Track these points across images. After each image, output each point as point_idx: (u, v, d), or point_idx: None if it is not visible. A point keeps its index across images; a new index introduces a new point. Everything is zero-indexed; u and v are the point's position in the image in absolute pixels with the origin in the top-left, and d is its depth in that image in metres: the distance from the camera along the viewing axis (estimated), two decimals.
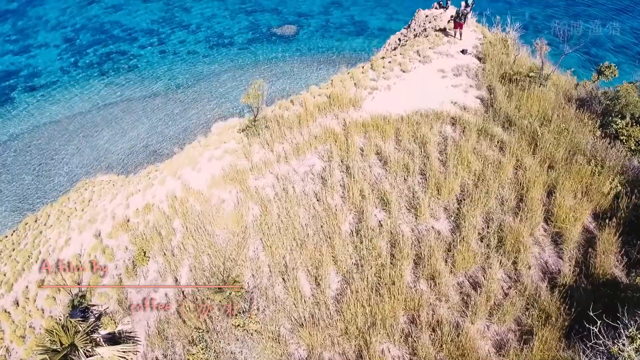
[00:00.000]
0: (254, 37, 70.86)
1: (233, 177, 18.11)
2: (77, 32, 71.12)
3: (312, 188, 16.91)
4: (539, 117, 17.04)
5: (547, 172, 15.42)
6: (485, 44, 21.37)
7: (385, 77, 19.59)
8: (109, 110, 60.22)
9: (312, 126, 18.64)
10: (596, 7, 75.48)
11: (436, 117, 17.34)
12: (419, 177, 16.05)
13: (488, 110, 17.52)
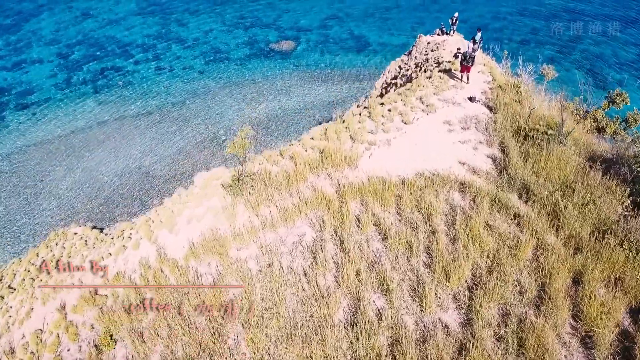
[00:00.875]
0: (251, 52, 68.69)
1: (213, 247, 15.83)
2: (71, 47, 68.95)
3: (301, 264, 14.63)
4: (560, 184, 14.79)
5: (573, 256, 13.13)
6: (495, 89, 19.10)
7: (384, 129, 17.33)
8: (101, 129, 57.96)
9: (303, 187, 16.39)
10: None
11: (442, 182, 15.09)
12: (424, 256, 13.77)
13: (501, 173, 15.26)
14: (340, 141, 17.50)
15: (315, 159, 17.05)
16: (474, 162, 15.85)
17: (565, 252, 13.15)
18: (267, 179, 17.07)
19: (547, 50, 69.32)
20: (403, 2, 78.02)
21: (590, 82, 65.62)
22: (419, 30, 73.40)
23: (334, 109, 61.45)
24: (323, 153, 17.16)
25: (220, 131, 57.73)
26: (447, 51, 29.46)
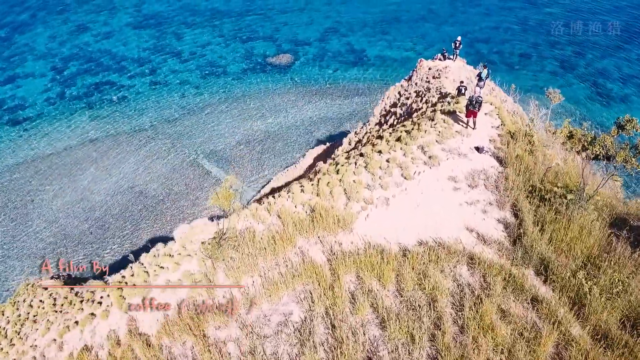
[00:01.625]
0: (248, 66, 66.79)
1: (188, 324, 13.84)
2: (65, 61, 67.08)
3: (286, 350, 12.64)
4: (582, 259, 12.83)
5: (603, 353, 11.13)
6: (504, 136, 17.13)
7: (382, 184, 15.38)
8: (94, 146, 56.00)
9: (291, 253, 14.47)
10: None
11: (448, 254, 13.17)
12: (428, 348, 11.78)
13: (515, 244, 13.32)
14: (333, 197, 15.55)
15: (305, 218, 15.06)
16: (484, 228, 13.88)
17: (593, 349, 11.14)
18: (252, 241, 15.07)
19: (550, 64, 67.41)
20: (403, 14, 76.19)
21: (594, 97, 63.75)
22: (419, 44, 71.57)
23: (332, 125, 59.66)
24: (314, 211, 15.20)
25: (216, 149, 55.75)
26: (449, 80, 27.51)
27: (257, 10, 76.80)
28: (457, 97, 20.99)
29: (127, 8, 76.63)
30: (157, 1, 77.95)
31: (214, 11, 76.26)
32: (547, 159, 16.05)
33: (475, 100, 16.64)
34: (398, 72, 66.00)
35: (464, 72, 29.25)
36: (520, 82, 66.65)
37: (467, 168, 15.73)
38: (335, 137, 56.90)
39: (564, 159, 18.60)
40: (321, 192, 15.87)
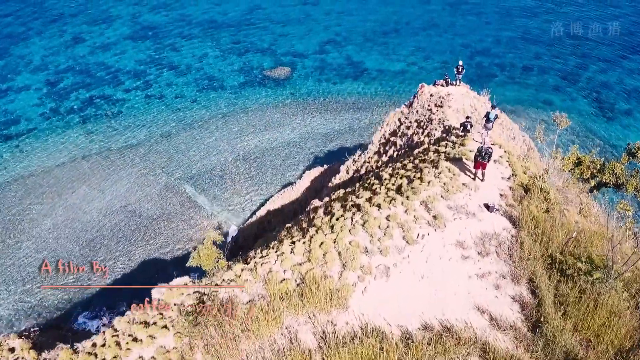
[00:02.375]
0: (245, 80, 64.95)
1: None
2: (60, 74, 65.26)
3: None
4: (614, 351, 10.99)
5: None
6: (516, 190, 15.26)
7: (381, 248, 13.55)
8: (87, 163, 54.13)
9: (277, 334, 12.63)
10: None
11: (457, 343, 11.33)
12: None
13: (535, 331, 11.46)
14: (326, 262, 13.69)
15: (294, 290, 13.19)
16: (497, 308, 12.03)
17: None
18: (232, 319, 13.16)
19: (552, 78, 65.57)
20: (402, 25, 74.41)
21: (597, 111, 61.88)
22: (419, 55, 69.72)
23: (330, 141, 57.82)
24: (304, 281, 13.34)
25: (211, 166, 53.88)
26: (452, 109, 25.66)
27: (255, 21, 75.03)
28: (462, 139, 19.12)
29: (123, 18, 74.88)
30: (155, 12, 76.20)
31: (212, 22, 74.50)
32: (566, 219, 14.15)
33: (485, 151, 14.78)
34: (397, 86, 64.31)
35: (468, 99, 27.39)
36: (522, 96, 65.16)
37: (477, 231, 13.84)
38: (333, 155, 55.06)
39: (581, 209, 16.71)
40: (313, 257, 13.99)
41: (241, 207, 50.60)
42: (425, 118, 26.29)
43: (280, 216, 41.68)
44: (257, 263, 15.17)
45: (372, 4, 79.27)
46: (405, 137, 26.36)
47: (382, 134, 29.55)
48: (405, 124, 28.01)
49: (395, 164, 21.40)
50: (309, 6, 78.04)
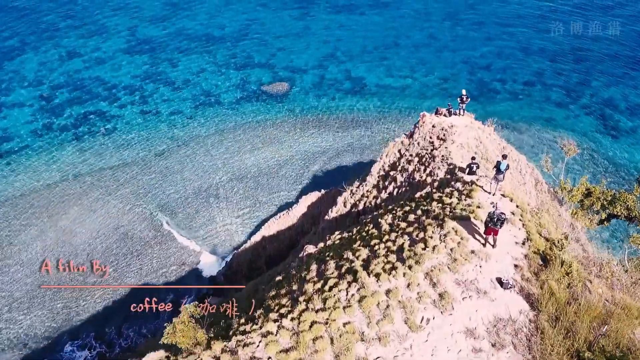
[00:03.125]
0: (243, 95, 63.15)
1: None
2: (54, 89, 63.51)
3: None
4: None
5: None
6: (532, 259, 13.33)
7: (380, 335, 11.61)
8: (79, 182, 52.23)
9: None
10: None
11: None
12: None
13: None
14: (317, 350, 11.75)
15: None
16: None
17: None
18: None
19: (555, 93, 63.65)
20: (402, 39, 72.68)
21: (602, 129, 59.90)
22: (419, 70, 67.77)
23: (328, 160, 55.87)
24: None
25: (206, 185, 51.93)
26: (456, 144, 23.77)
27: (254, 35, 73.30)
28: (469, 188, 17.18)
29: (120, 32, 73.17)
30: (152, 25, 74.49)
31: (209, 36, 72.79)
32: (591, 295, 12.18)
33: (498, 217, 12.86)
34: (398, 102, 62.40)
35: (472, 131, 25.49)
36: (525, 113, 63.20)
37: (489, 314, 11.88)
38: (331, 175, 53.11)
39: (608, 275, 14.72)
40: (302, 343, 12.03)
41: (236, 229, 48.64)
42: (427, 152, 24.39)
43: (276, 242, 39.78)
44: (239, 342, 13.20)
45: (371, 17, 77.57)
46: (406, 172, 24.48)
47: (381, 166, 27.65)
48: (405, 157, 26.12)
49: (396, 209, 19.48)
50: (308, 19, 76.35)
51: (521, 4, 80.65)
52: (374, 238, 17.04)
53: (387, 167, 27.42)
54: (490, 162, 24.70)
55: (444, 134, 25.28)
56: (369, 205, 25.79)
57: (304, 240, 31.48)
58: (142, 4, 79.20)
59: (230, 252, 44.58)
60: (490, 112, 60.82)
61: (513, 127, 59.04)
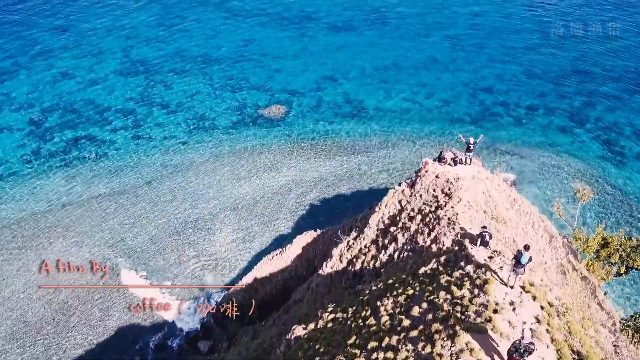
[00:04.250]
0: (238, 119, 60.59)
1: None
2: (45, 112, 61.01)
3: None
4: None
5: None
6: None
7: None
8: (65, 212, 49.42)
9: None
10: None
11: None
12: None
13: None
14: None
15: None
16: None
17: None
18: None
19: (558, 119, 61.00)
20: (402, 60, 70.30)
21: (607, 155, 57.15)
22: (419, 93, 65.06)
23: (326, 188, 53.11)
24: None
25: (200, 215, 49.11)
26: (463, 202, 21.05)
27: (250, 55, 70.93)
28: (483, 276, 14.41)
29: (115, 53, 70.79)
30: (147, 45, 72.15)
31: (205, 57, 70.41)
32: None
33: (525, 348, 10.10)
34: (397, 126, 59.70)
35: (480, 184, 22.77)
36: (528, 138, 60.46)
37: None
38: (328, 205, 50.35)
39: None
40: None
41: (228, 263, 45.77)
42: (431, 210, 21.66)
43: (268, 285, 36.92)
44: None
45: (370, 37, 75.24)
46: (408, 232, 21.74)
47: (379, 217, 24.92)
48: (406, 211, 23.38)
49: (397, 290, 16.73)
50: (305, 40, 74.01)
51: (522, 24, 78.42)
52: (372, 334, 14.27)
53: (387, 219, 24.70)
54: (501, 222, 21.95)
55: (449, 188, 22.56)
56: (367, 266, 23.06)
57: (296, 294, 28.70)
58: (138, 24, 77.01)
59: (221, 292, 41.68)
60: (493, 136, 58.39)
61: (516, 153, 56.39)
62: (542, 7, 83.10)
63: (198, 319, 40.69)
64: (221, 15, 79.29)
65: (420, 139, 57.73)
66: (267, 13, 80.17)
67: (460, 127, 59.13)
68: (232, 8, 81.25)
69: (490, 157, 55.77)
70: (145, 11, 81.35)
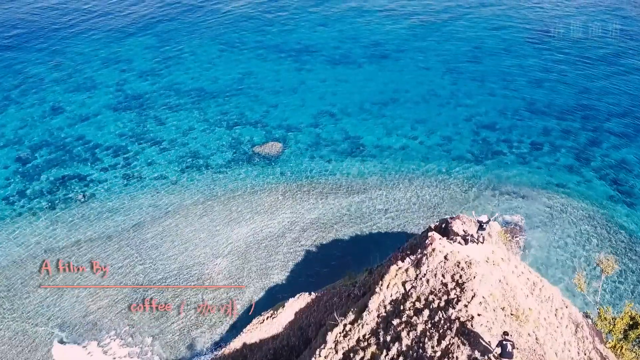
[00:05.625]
0: (233, 157, 57.74)
1: None
2: (33, 149, 58.27)
3: None
4: None
5: None
6: None
7: None
8: (48, 259, 46.09)
9: None
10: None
11: None
12: None
13: None
14: None
15: None
16: None
17: None
18: None
19: (564, 157, 58.15)
20: (401, 95, 67.93)
21: (617, 195, 54.13)
22: (420, 129, 62.25)
23: (323, 232, 49.93)
24: None
25: (186, 264, 45.65)
26: (478, 300, 17.88)
27: (247, 89, 68.58)
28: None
29: (109, 87, 68.43)
30: (142, 79, 69.87)
31: (201, 90, 68.04)
32: None
33: None
34: (398, 166, 56.71)
35: (496, 271, 19.65)
36: (535, 178, 57.22)
37: None
38: (326, 251, 47.08)
39: None
40: None
41: (218, 319, 42.26)
42: (441, 305, 18.46)
43: (258, 353, 33.40)
44: None
45: (369, 71, 73.07)
46: (414, 331, 18.54)
47: (380, 301, 21.73)
48: (412, 299, 20.22)
49: None
50: (304, 73, 71.82)
51: (524, 57, 76.39)
52: None
53: (389, 304, 21.52)
54: (522, 318, 18.71)
55: (460, 276, 19.40)
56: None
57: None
58: (133, 56, 74.99)
59: (209, 353, 38.07)
60: (497, 176, 55.47)
61: (522, 194, 53.34)
62: (542, 39, 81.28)
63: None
64: (218, 47, 77.38)
65: (421, 179, 54.85)
66: (265, 45, 78.27)
67: (462, 166, 56.44)
68: (229, 40, 79.40)
69: (495, 198, 52.87)
70: (142, 42, 79.50)
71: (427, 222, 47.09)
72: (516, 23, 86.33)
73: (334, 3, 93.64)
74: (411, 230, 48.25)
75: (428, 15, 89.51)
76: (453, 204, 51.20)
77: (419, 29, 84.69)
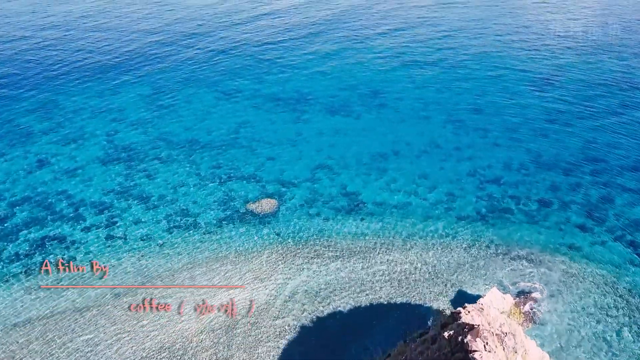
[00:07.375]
0: (224, 215, 54.52)
1: None
2: (14, 207, 55.15)
3: None
4: None
5: None
6: None
7: None
8: (20, 334, 42.06)
9: None
10: None
11: None
12: None
13: None
14: None
15: None
16: None
17: None
18: None
19: (574, 215, 54.87)
20: (402, 147, 65.41)
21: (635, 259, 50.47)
22: (422, 185, 58.94)
23: (319, 302, 46.05)
24: None
25: (166, 344, 41.62)
26: None
27: (242, 141, 66.13)
28: None
29: (98, 137, 66.07)
30: (133, 130, 67.64)
31: (194, 142, 65.60)
32: None
33: None
34: (399, 224, 53.32)
35: None
36: (544, 239, 53.39)
37: None
38: (322, 326, 43.01)
39: None
40: None
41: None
42: None
43: None
44: None
45: (367, 120, 71.00)
46: None
47: None
48: None
49: None
50: (300, 124, 69.64)
51: (527, 107, 74.49)
52: None
53: None
54: None
55: None
56: None
57: None
58: (126, 105, 73.12)
59: None
60: (505, 238, 51.96)
61: (534, 258, 49.56)
62: (546, 87, 79.70)
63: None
64: (213, 96, 75.68)
65: (425, 240, 51.42)
66: (261, 94, 76.59)
67: (467, 226, 53.06)
68: (225, 88, 77.84)
69: (504, 263, 49.19)
70: (135, 90, 77.91)
71: (431, 292, 43.48)
72: (517, 71, 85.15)
73: (330, 50, 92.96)
74: (415, 301, 44.47)
75: (426, 62, 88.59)
76: (460, 272, 47.48)
77: (417, 77, 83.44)
